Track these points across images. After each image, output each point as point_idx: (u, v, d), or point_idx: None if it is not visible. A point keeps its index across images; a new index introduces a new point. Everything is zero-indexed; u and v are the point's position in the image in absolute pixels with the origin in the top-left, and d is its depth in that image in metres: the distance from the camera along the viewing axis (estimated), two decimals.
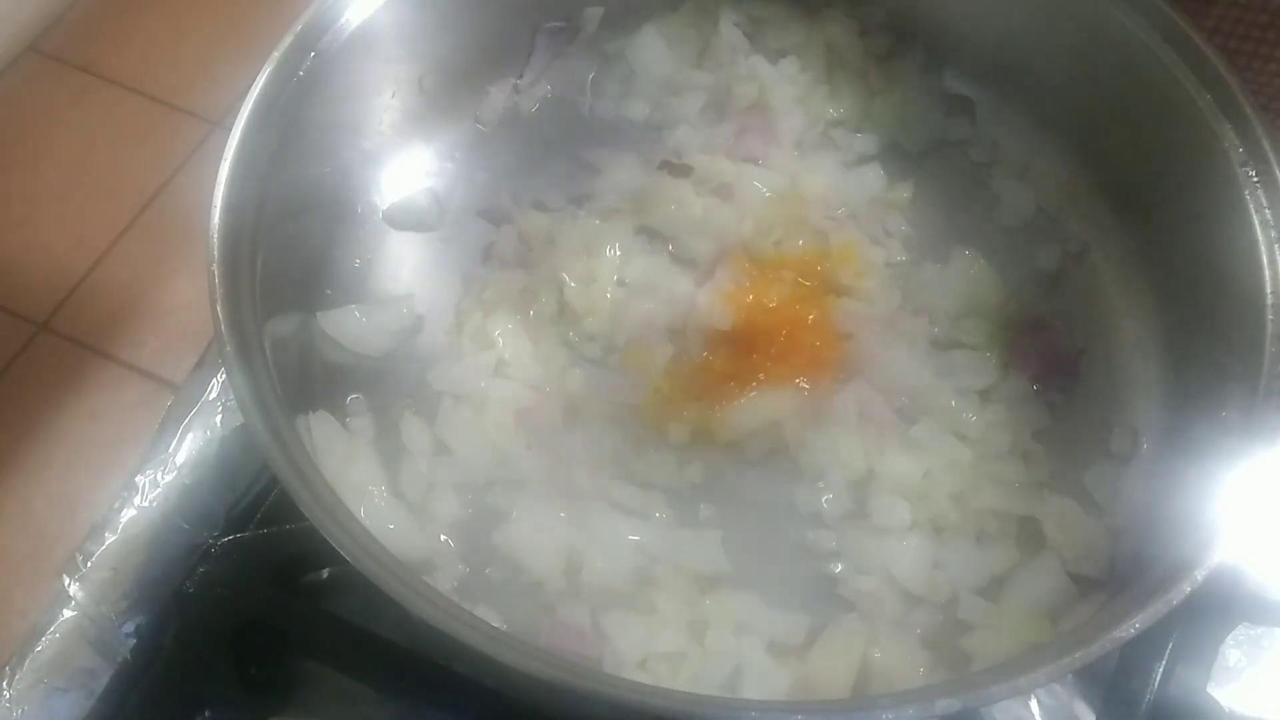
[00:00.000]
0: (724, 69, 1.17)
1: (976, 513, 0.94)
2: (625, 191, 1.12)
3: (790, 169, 1.13)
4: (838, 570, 0.92)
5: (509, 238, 1.08)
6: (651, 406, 1.00)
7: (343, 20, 0.96)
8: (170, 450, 0.97)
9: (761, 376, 1.01)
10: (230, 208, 0.85)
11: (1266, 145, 0.89)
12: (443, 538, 0.92)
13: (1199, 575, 0.73)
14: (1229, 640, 0.91)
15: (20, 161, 2.45)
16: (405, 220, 1.08)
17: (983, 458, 0.97)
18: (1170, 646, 0.86)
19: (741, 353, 1.03)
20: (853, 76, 1.17)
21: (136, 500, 0.94)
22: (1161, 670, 0.85)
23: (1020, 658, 0.74)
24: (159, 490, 0.94)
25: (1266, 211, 0.88)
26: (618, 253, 1.08)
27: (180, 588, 0.88)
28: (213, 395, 1.00)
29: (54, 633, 0.88)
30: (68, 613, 0.89)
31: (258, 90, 0.90)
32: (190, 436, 0.97)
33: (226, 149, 0.87)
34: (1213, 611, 0.88)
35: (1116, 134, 1.04)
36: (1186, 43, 0.94)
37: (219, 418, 0.98)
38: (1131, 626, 0.70)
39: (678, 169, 1.13)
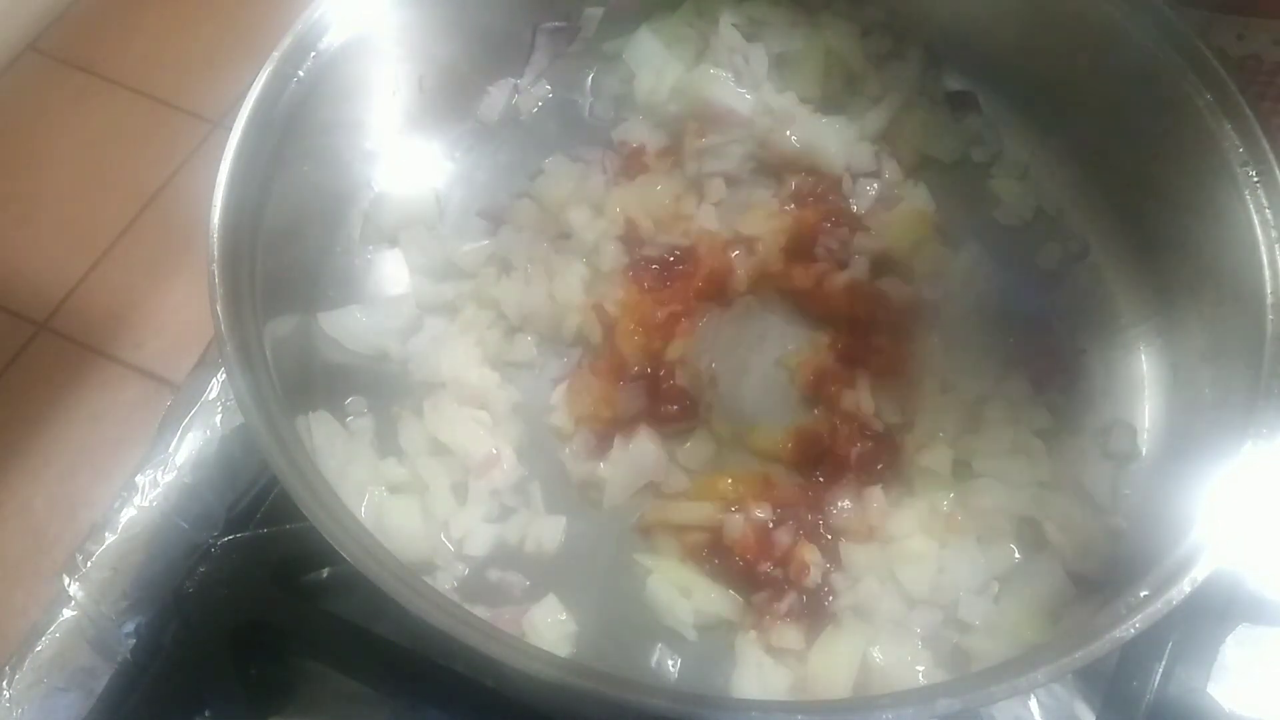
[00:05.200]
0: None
1: (976, 513, 0.94)
2: None
3: None
4: (838, 571, 0.92)
5: (510, 237, 1.08)
6: None
7: (343, 21, 0.96)
8: (170, 450, 0.97)
9: None
10: (230, 208, 0.85)
11: (1266, 145, 0.89)
12: (443, 538, 0.92)
13: (1199, 575, 0.73)
14: (1229, 640, 0.91)
15: (20, 161, 2.45)
16: (405, 220, 1.08)
17: (983, 457, 0.97)
18: (1170, 646, 0.86)
19: None
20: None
21: (136, 500, 0.94)
22: (1161, 670, 0.86)
23: (1020, 658, 0.74)
24: (159, 490, 0.94)
25: (1267, 211, 0.88)
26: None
27: (180, 588, 0.88)
28: (213, 395, 1.00)
29: (54, 633, 0.88)
30: (68, 613, 0.89)
31: (258, 90, 0.90)
32: (190, 436, 0.97)
33: (226, 149, 0.87)
34: (1213, 611, 0.89)
35: (1116, 134, 1.04)
36: (1186, 43, 0.94)
37: (219, 418, 0.99)
38: (1131, 626, 0.71)
39: None
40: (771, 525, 0.92)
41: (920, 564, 0.91)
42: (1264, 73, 1.01)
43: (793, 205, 1.11)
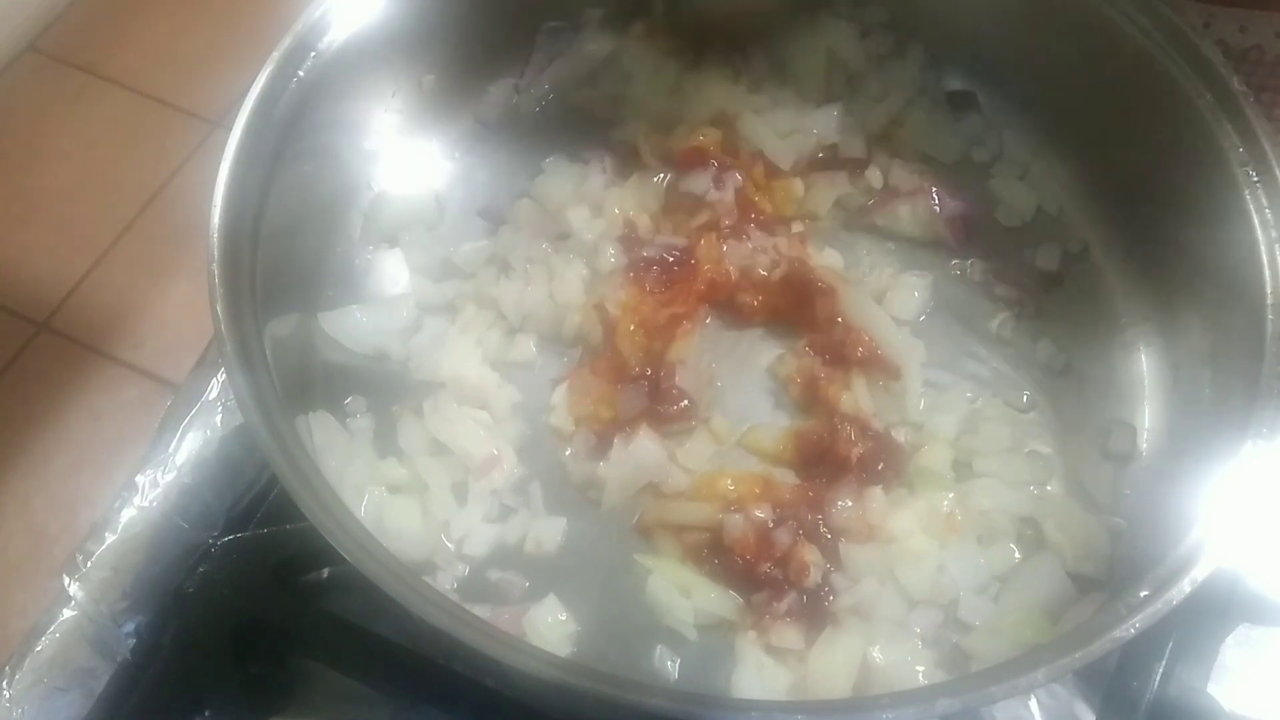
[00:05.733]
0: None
1: (977, 513, 0.94)
2: None
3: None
4: (838, 571, 0.92)
5: (509, 237, 1.08)
6: None
7: (343, 21, 0.96)
8: (170, 450, 0.97)
9: None
10: (230, 208, 0.85)
11: (1266, 145, 0.89)
12: (443, 538, 0.92)
13: (1199, 575, 0.73)
14: (1229, 640, 0.91)
15: (20, 161, 2.45)
16: (405, 220, 1.08)
17: (983, 457, 0.97)
18: (1170, 646, 0.86)
19: None
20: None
21: (136, 500, 0.94)
22: (1161, 670, 0.86)
23: (1020, 658, 0.74)
24: (159, 490, 0.94)
25: (1267, 211, 0.88)
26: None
27: (180, 587, 0.88)
28: (213, 395, 1.00)
29: (54, 633, 0.88)
30: (68, 612, 0.89)
31: (258, 90, 0.90)
32: (190, 436, 0.97)
33: (226, 149, 0.87)
34: (1213, 611, 0.89)
35: (1116, 134, 1.04)
36: (1186, 43, 0.94)
37: (219, 418, 0.99)
38: (1131, 626, 0.71)
39: None
40: (771, 525, 0.92)
41: (920, 564, 0.91)
42: (1266, 64, 1.02)
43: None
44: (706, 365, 1.03)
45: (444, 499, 0.94)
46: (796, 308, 1.04)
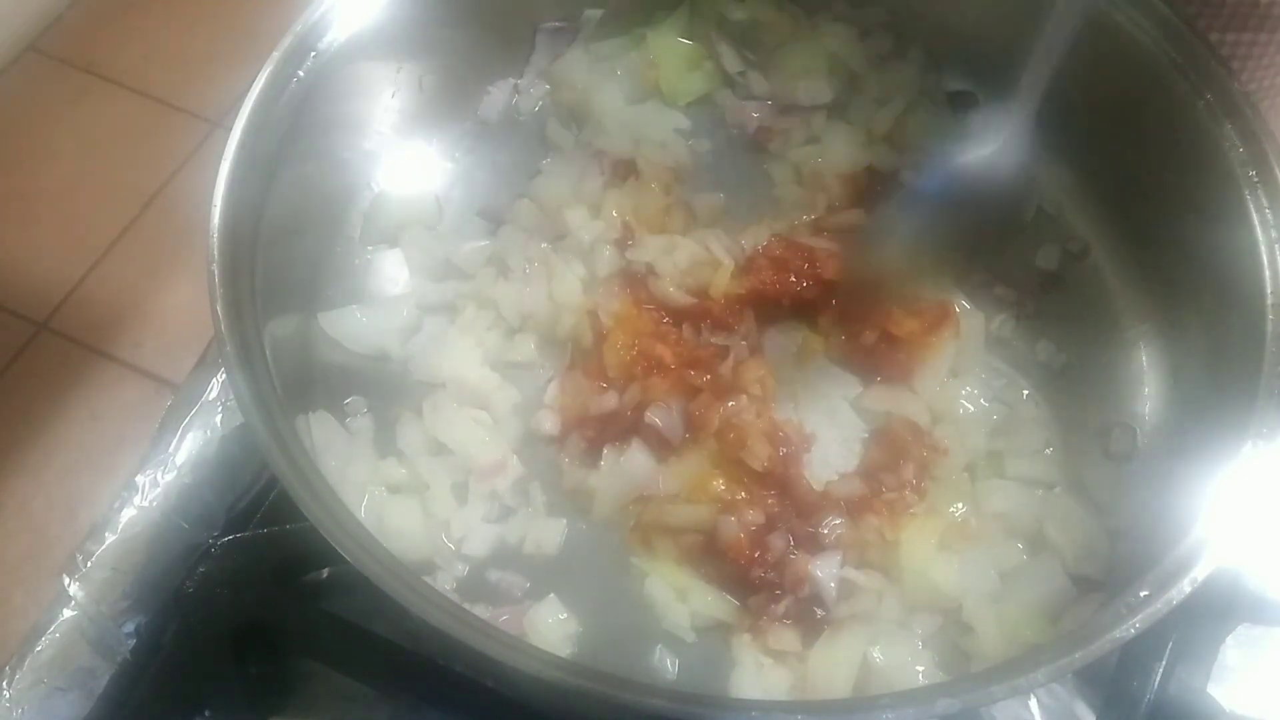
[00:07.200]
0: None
1: (981, 515, 0.94)
2: None
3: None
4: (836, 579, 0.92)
5: (509, 237, 1.08)
6: None
7: (343, 21, 0.96)
8: (170, 450, 0.97)
9: None
10: (230, 208, 0.85)
11: (1266, 145, 0.89)
12: (443, 538, 0.92)
13: (1199, 575, 0.73)
14: (1229, 640, 0.91)
15: (20, 161, 2.45)
16: (405, 220, 1.08)
17: (988, 460, 0.97)
18: (1170, 646, 0.86)
19: None
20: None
21: (136, 500, 0.94)
22: (1161, 670, 0.86)
23: (1020, 658, 0.74)
24: (159, 490, 0.94)
25: (1267, 211, 0.88)
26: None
27: (180, 587, 0.88)
28: (213, 395, 1.00)
29: (54, 633, 0.88)
30: (68, 613, 0.89)
31: (258, 90, 0.90)
32: (190, 436, 0.98)
33: (226, 149, 0.87)
34: (1213, 611, 0.89)
35: (1116, 134, 1.04)
36: (1186, 43, 0.94)
37: (219, 418, 0.99)
38: (1131, 626, 0.71)
39: None
40: (764, 530, 0.91)
41: (925, 570, 0.90)
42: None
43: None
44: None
45: (444, 499, 0.94)
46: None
